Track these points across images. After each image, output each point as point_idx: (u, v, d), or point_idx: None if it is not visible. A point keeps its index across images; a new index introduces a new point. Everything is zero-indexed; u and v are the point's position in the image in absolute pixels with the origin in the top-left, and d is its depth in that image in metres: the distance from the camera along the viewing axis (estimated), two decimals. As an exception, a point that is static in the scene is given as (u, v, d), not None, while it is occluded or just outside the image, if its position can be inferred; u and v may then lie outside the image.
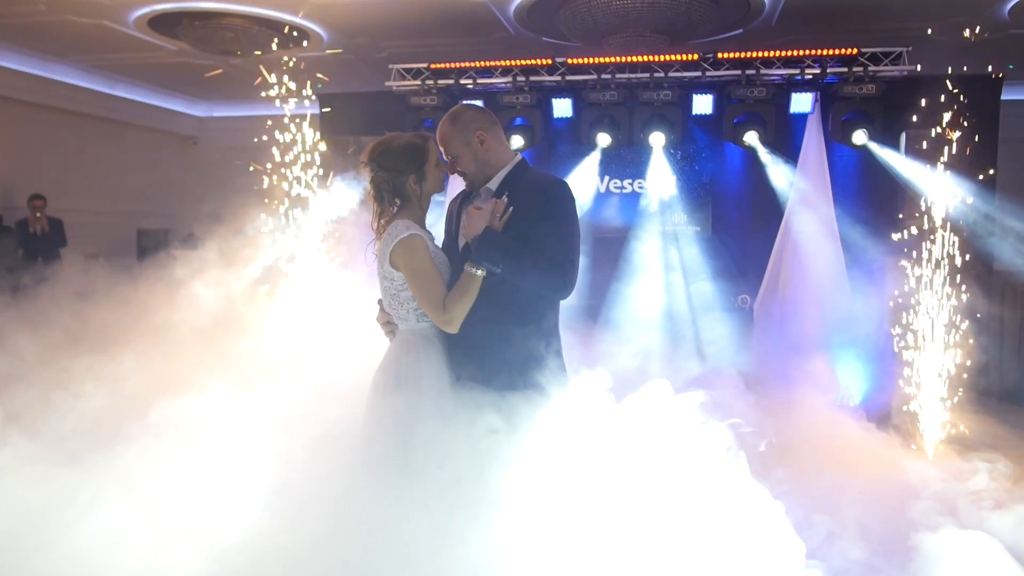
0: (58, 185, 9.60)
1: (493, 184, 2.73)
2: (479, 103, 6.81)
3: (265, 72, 6.73)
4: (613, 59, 6.56)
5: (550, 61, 6.70)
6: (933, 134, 5.54)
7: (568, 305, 2.88)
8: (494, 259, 2.54)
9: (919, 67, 6.11)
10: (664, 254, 6.99)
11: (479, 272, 2.54)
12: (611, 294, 6.84)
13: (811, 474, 4.38)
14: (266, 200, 6.81)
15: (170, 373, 4.18)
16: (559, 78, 6.71)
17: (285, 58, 6.86)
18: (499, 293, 2.58)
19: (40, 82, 9.43)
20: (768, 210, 6.62)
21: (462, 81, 6.85)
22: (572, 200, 2.66)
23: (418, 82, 6.89)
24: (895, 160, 6.08)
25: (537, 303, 2.65)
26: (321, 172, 6.97)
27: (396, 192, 2.69)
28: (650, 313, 6.69)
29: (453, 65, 6.84)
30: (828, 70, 6.22)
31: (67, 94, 9.84)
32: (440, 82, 6.87)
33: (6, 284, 5.50)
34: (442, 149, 2.77)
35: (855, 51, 6.17)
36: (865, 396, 5.95)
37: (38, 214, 8.61)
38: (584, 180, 7.08)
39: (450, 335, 2.63)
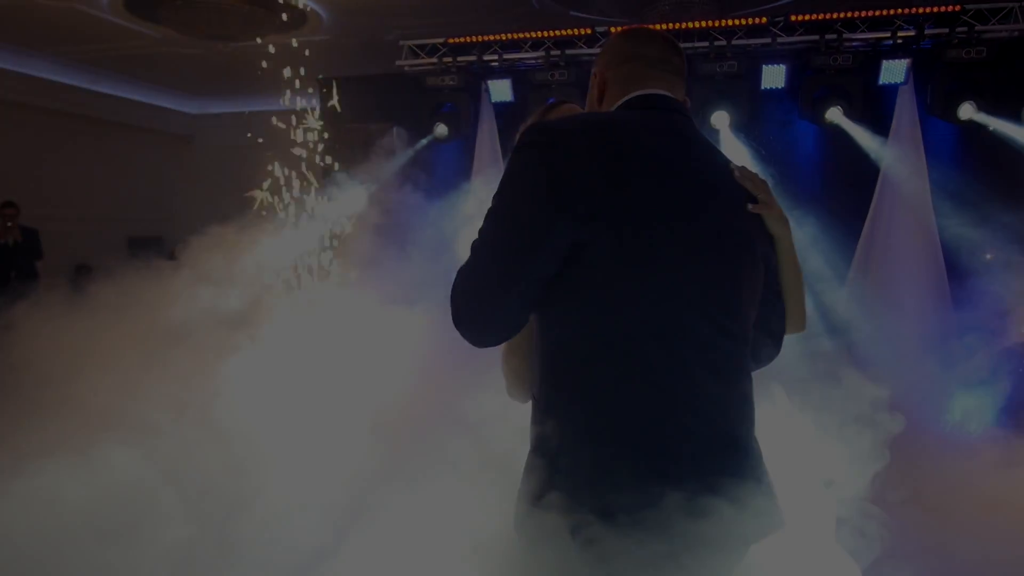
0: (33, 191, 8.71)
1: None
2: (507, 82, 5.88)
3: (260, 60, 5.91)
4: (666, 26, 5.57)
5: (589, 30, 5.74)
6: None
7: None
8: None
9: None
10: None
11: None
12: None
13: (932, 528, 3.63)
14: (269, 201, 5.97)
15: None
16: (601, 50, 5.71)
17: (273, 45, 6.01)
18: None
19: (12, 78, 8.61)
20: (851, 200, 5.64)
21: (485, 57, 5.92)
22: (519, 158, 1.42)
23: (434, 60, 5.95)
24: (1020, 136, 5.07)
25: (576, 363, 1.45)
26: (329, 167, 6.13)
27: None
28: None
29: (474, 39, 5.92)
30: (925, 32, 5.22)
31: (43, 90, 9.01)
32: (460, 59, 5.95)
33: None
34: None
35: (957, 7, 5.18)
36: (987, 424, 4.94)
37: (9, 223, 7.70)
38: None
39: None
